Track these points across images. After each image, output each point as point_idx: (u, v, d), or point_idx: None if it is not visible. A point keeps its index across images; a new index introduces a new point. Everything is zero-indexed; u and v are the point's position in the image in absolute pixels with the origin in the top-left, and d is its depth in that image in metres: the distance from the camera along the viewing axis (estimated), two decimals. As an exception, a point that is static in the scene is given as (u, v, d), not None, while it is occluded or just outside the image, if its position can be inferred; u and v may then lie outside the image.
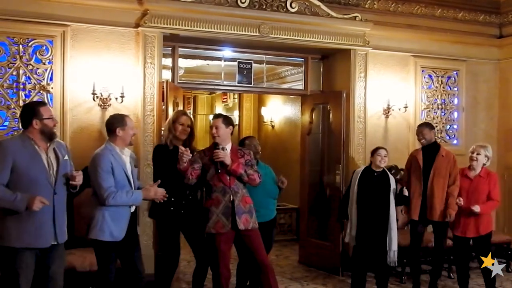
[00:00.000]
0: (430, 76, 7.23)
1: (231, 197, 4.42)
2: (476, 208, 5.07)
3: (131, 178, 4.15)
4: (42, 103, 3.93)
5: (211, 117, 11.82)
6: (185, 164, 4.35)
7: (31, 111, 3.68)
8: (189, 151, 4.34)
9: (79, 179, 3.72)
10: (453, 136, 7.41)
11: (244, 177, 4.47)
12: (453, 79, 7.38)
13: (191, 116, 5.29)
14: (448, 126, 7.39)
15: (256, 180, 4.54)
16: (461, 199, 5.19)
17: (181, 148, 4.36)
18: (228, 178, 4.44)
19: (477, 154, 5.16)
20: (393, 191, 5.32)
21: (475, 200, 5.14)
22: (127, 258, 4.25)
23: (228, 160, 4.39)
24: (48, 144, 3.70)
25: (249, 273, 5.16)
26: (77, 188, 3.82)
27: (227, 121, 4.55)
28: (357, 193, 5.32)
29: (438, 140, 7.10)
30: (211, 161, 4.43)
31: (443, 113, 7.33)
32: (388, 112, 6.79)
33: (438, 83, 7.27)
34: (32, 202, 3.47)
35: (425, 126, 5.71)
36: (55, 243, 3.69)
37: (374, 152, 5.36)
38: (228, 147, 4.52)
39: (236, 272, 5.22)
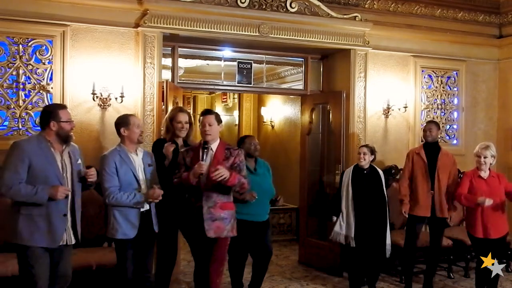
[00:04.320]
0: (430, 76, 7.23)
1: (202, 202, 4.14)
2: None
3: (140, 178, 4.21)
4: (62, 106, 4.01)
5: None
6: (197, 179, 4.12)
7: (49, 113, 3.78)
8: (205, 167, 4.09)
9: (93, 176, 3.83)
10: (453, 136, 7.42)
11: (236, 187, 4.17)
12: (453, 79, 7.38)
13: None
14: (448, 126, 7.39)
15: (245, 188, 4.27)
16: (484, 198, 4.94)
17: (201, 163, 4.09)
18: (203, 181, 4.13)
19: (484, 157, 5.11)
20: (384, 186, 5.44)
21: (494, 200, 4.99)
22: (140, 256, 4.31)
23: (227, 175, 4.04)
24: (64, 147, 3.79)
25: (241, 270, 5.18)
26: (94, 185, 3.96)
27: (219, 118, 4.33)
28: (352, 195, 5.34)
29: (438, 140, 7.15)
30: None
31: (443, 113, 7.33)
32: (388, 112, 6.79)
33: (438, 83, 7.28)
34: (56, 191, 3.58)
35: (434, 124, 5.79)
36: (65, 244, 3.77)
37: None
38: (215, 145, 4.27)
39: (229, 270, 5.20)
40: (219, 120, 4.29)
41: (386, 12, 6.87)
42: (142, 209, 4.20)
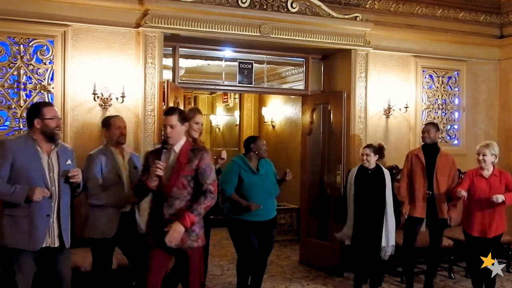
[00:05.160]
0: (430, 76, 7.23)
1: (163, 208, 3.66)
2: (498, 198, 4.90)
3: (124, 179, 4.28)
4: (46, 104, 3.99)
5: (212, 117, 11.87)
6: (156, 183, 3.66)
7: (34, 111, 3.71)
8: (161, 167, 3.64)
9: (78, 176, 3.73)
10: (453, 136, 7.41)
11: (200, 217, 3.68)
12: (454, 79, 7.38)
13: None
14: (449, 126, 7.39)
15: (211, 205, 3.73)
16: (463, 191, 5.01)
17: (158, 162, 3.62)
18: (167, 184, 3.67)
19: (483, 155, 5.13)
20: (388, 187, 5.37)
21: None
22: (131, 257, 4.36)
23: (181, 230, 3.58)
24: (52, 147, 3.71)
25: (249, 271, 5.14)
26: (80, 186, 3.87)
27: (182, 116, 3.81)
28: (354, 193, 5.34)
29: (439, 141, 7.11)
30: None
31: (444, 113, 7.33)
32: (389, 112, 6.79)
33: (438, 83, 7.27)
34: (33, 193, 3.49)
35: (432, 125, 5.79)
36: (48, 246, 3.65)
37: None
38: (179, 145, 3.77)
39: (236, 271, 5.20)
40: (183, 119, 3.80)
41: (387, 12, 6.87)
42: (123, 209, 4.24)
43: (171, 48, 6.12)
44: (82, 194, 4.10)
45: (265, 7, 6.00)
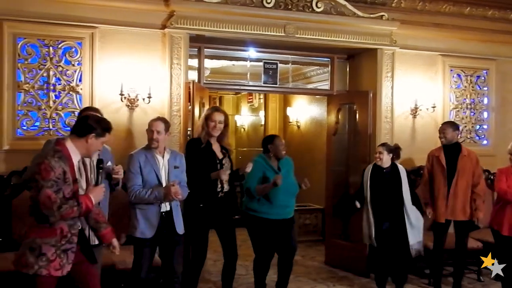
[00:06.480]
0: (459, 75, 7.12)
1: (80, 226, 3.38)
2: None
3: (163, 179, 4.26)
4: (90, 109, 4.25)
5: (237, 117, 11.91)
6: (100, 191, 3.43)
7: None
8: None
9: (120, 173, 3.94)
10: (482, 136, 7.28)
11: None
12: (483, 78, 7.25)
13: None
14: (478, 126, 7.26)
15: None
16: None
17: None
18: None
19: None
20: (405, 184, 5.29)
21: None
22: (165, 257, 4.39)
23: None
24: None
25: (266, 270, 5.14)
26: (120, 183, 4.06)
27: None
28: (370, 193, 5.28)
29: (468, 141, 7.03)
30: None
31: (473, 113, 7.20)
32: (416, 112, 6.71)
33: (467, 82, 7.15)
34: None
35: (449, 125, 5.67)
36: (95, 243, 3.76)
37: None
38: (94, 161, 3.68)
39: (253, 270, 5.19)
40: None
41: (413, 10, 6.78)
42: (162, 210, 4.25)
43: (196, 49, 6.16)
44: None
45: (289, 7, 5.99)
